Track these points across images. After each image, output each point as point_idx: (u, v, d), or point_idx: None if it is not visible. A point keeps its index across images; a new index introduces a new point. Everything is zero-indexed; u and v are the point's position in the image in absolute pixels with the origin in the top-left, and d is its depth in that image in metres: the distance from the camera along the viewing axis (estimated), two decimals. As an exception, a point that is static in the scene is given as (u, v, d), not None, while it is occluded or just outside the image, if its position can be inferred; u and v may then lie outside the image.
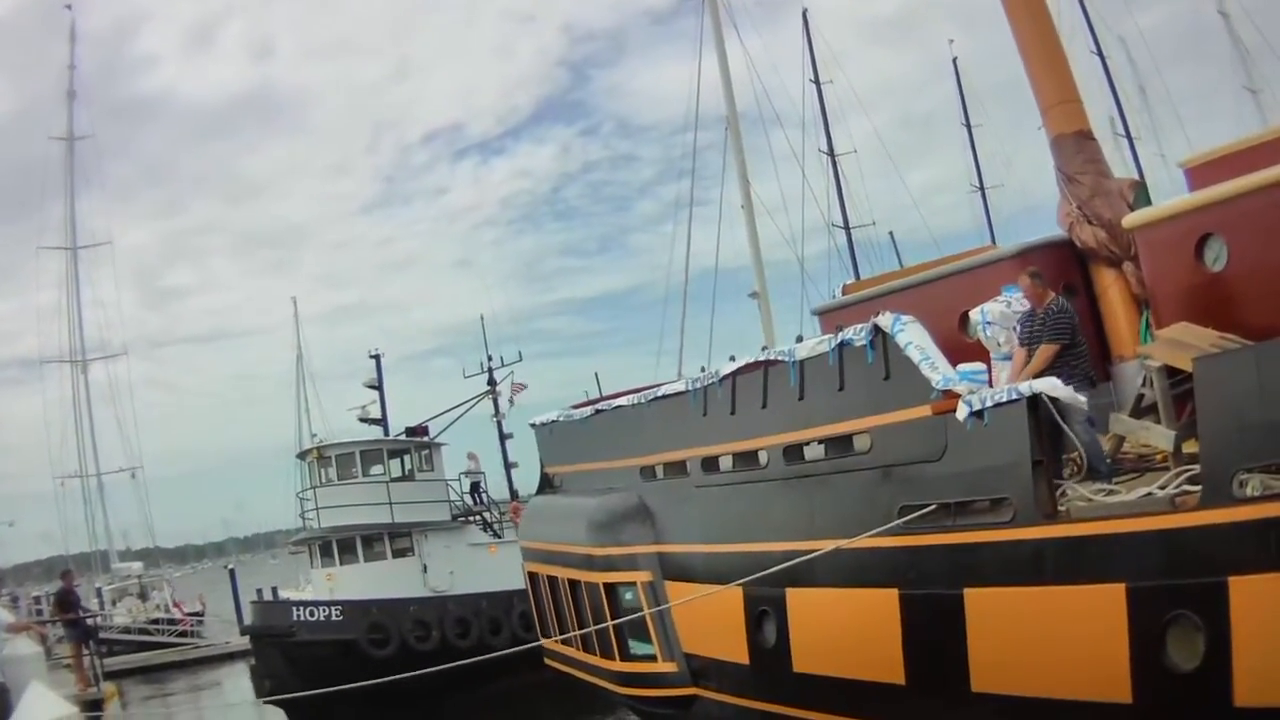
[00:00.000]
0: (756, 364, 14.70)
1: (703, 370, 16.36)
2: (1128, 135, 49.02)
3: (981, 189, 58.76)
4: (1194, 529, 9.37)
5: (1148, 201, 14.96)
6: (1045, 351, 11.94)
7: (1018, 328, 12.76)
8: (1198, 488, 9.64)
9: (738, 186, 31.48)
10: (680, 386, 16.38)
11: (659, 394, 17.00)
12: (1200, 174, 13.37)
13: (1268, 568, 8.70)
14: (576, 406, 20.95)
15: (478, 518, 38.52)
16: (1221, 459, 9.30)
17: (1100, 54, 47.60)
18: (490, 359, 41.15)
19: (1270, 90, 48.07)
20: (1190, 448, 10.44)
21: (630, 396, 18.14)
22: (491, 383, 41.06)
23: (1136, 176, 40.61)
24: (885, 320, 12.35)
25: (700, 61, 30.95)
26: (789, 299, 31.90)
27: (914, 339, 12.04)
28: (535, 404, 37.93)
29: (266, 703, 31.69)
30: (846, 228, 48.20)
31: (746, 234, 31.10)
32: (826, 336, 13.54)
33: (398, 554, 35.75)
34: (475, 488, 39.67)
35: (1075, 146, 15.16)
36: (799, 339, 15.16)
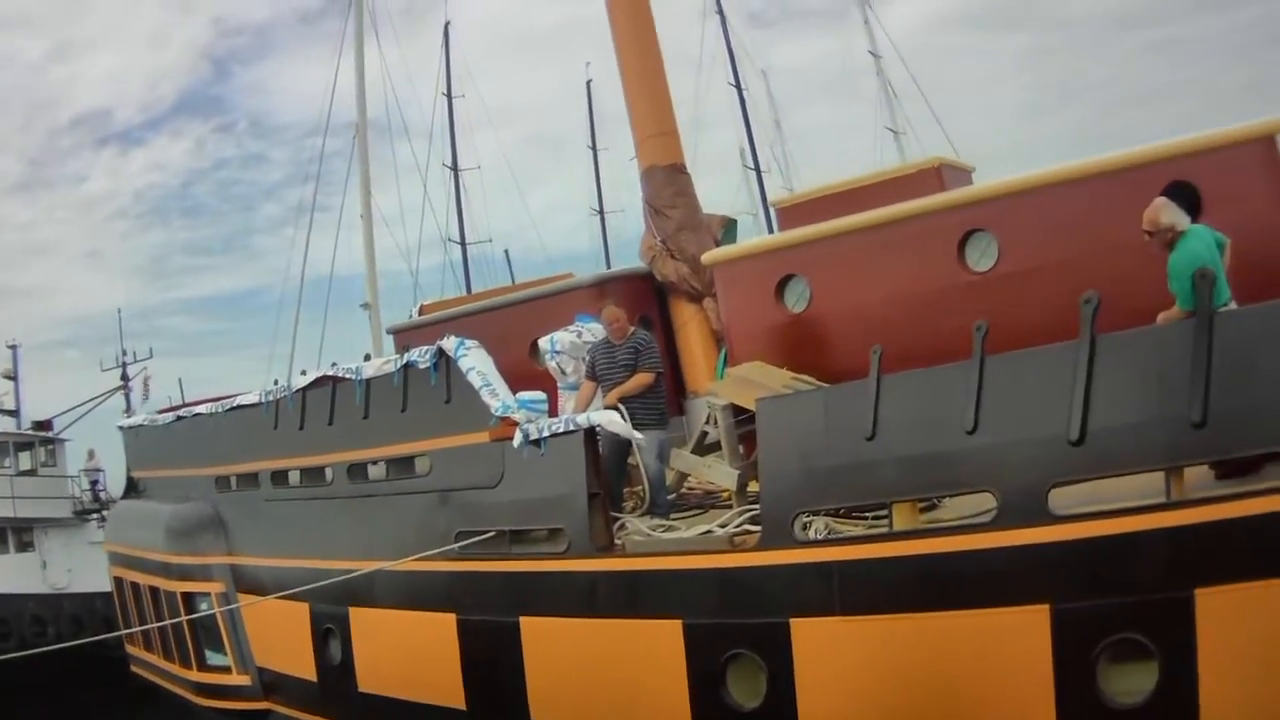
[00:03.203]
0: (327, 379, 12.71)
1: (276, 383, 14.23)
2: (756, 168, 46.64)
3: (601, 212, 55.49)
4: (753, 569, 8.33)
5: (735, 239, 13.74)
6: (644, 378, 10.16)
7: (586, 358, 11.03)
8: (759, 528, 8.50)
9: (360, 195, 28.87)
10: (254, 398, 14.23)
11: (234, 404, 14.78)
12: (790, 215, 12.34)
13: (830, 610, 7.83)
14: (162, 411, 18.54)
15: (97, 516, 34.35)
16: (782, 500, 8.23)
17: (738, 85, 45.22)
18: (125, 354, 36.98)
19: (913, 131, 46.03)
20: (755, 487, 9.23)
21: (209, 405, 15.81)
22: (125, 378, 36.73)
23: (761, 209, 39.95)
24: (449, 344, 10.81)
25: (339, 65, 27.87)
26: (402, 310, 29.17)
27: (476, 364, 10.57)
28: (154, 404, 34.11)
29: None
30: (463, 243, 44.79)
31: (364, 244, 28.57)
32: (393, 356, 11.96)
33: (20, 549, 32.32)
34: (94, 485, 35.45)
35: (666, 179, 13.60)
36: (366, 357, 13.29)
